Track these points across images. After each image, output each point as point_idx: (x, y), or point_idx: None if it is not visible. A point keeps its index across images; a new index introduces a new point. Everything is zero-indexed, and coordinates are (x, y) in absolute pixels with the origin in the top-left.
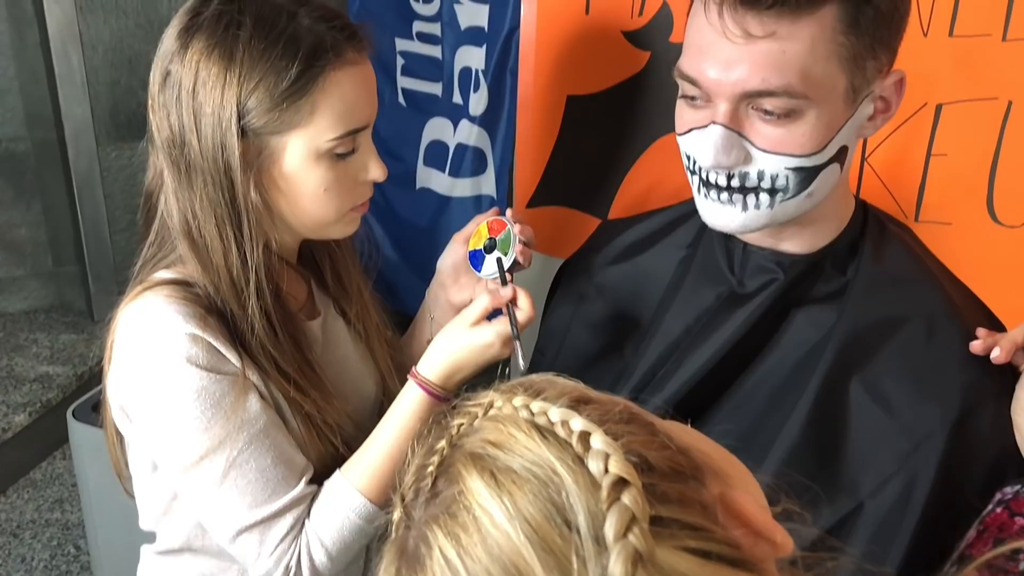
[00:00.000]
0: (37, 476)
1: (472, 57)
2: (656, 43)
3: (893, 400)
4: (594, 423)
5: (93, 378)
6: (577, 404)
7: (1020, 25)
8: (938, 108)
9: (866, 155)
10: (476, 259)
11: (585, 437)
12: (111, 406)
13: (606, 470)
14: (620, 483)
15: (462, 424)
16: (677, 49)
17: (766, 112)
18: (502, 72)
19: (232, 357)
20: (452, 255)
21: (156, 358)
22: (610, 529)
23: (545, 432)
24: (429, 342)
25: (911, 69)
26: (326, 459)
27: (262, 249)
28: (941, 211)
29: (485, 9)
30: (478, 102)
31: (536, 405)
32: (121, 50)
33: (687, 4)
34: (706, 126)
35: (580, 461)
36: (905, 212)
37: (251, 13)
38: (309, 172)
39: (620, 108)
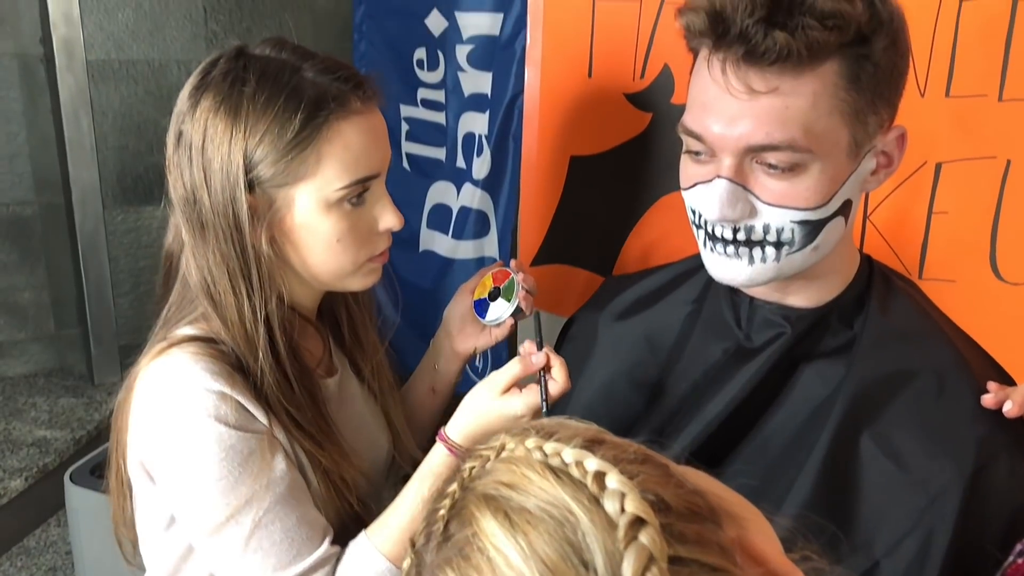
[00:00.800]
0: (31, 543)
1: (475, 123)
2: (658, 104)
3: (905, 455)
4: (608, 463)
5: (91, 442)
6: (591, 445)
7: (1015, 85)
8: (938, 167)
9: (868, 213)
10: (481, 307)
11: (600, 477)
12: (128, 464)
13: (622, 509)
14: (637, 522)
15: (474, 467)
16: (679, 110)
17: (770, 166)
18: (505, 137)
19: (259, 415)
20: (459, 305)
21: (183, 416)
22: (628, 569)
23: (559, 472)
24: (433, 390)
25: (910, 128)
26: (343, 517)
27: (275, 302)
28: (944, 269)
29: (488, 77)
30: (481, 166)
31: (549, 446)
32: (130, 116)
33: (688, 67)
34: (711, 180)
35: (596, 501)
36: (908, 270)
37: (255, 69)
38: (320, 223)
39: (623, 168)
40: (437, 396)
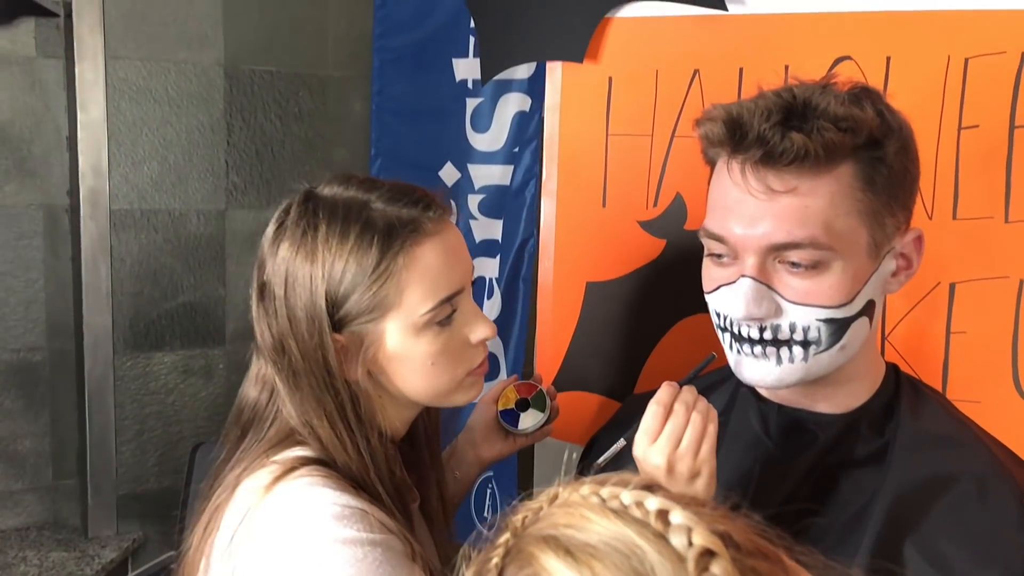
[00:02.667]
0: None
1: (487, 267)
2: (671, 231)
3: (952, 564)
4: (671, 501)
5: None
6: (649, 487)
7: (1021, 207)
8: (952, 287)
9: (887, 334)
10: (509, 417)
11: (663, 514)
12: None
13: (690, 543)
14: (707, 554)
15: (526, 516)
16: (692, 236)
17: (793, 264)
18: (515, 280)
19: (391, 524)
20: (483, 415)
21: (330, 535)
22: None
23: (620, 513)
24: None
25: None
26: None
27: (376, 437)
28: (968, 389)
29: (499, 224)
30: (492, 308)
31: (606, 491)
32: (148, 263)
33: (701, 194)
34: (735, 281)
35: (661, 536)
36: None
37: (325, 211)
38: (412, 349)
39: (639, 293)
40: (454, 503)
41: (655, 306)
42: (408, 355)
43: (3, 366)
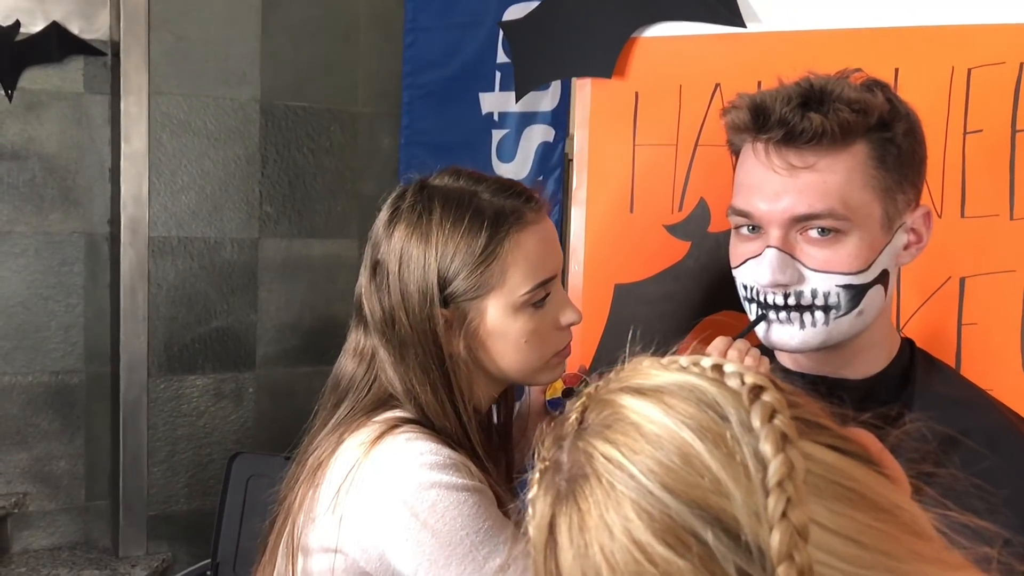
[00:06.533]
0: None
1: None
2: (695, 234)
3: (966, 512)
4: (722, 359)
5: None
6: (702, 354)
7: None
8: (962, 281)
9: (901, 326)
10: (556, 405)
11: (717, 367)
12: (342, 550)
13: (743, 383)
14: (758, 388)
15: (598, 385)
16: (715, 238)
17: (814, 234)
18: None
19: (484, 479)
20: (534, 403)
21: (435, 482)
22: (756, 418)
23: (679, 369)
24: None
25: (932, 246)
26: None
27: (471, 409)
28: (980, 378)
29: None
30: None
31: (665, 359)
32: (183, 288)
33: (724, 198)
34: (760, 253)
35: (718, 381)
36: None
37: (439, 198)
38: (509, 327)
39: (664, 293)
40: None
41: (681, 305)
42: (505, 332)
43: (42, 388)
